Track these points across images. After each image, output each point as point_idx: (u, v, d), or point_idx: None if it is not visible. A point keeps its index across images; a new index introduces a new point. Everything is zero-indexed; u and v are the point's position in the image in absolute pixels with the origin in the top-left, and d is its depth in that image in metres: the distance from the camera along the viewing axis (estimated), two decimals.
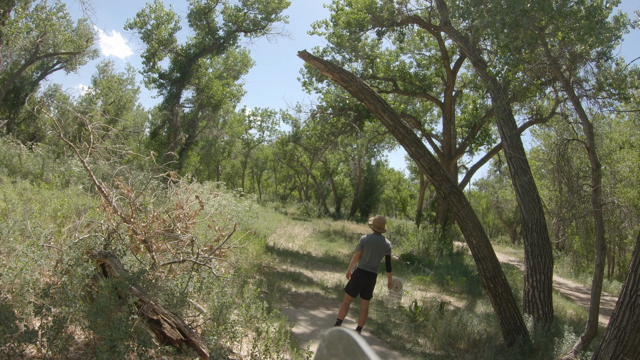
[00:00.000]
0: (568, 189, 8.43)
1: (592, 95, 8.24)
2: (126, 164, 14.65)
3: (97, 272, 3.69)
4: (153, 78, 18.93)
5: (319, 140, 18.78)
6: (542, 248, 6.30)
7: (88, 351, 3.11)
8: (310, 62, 5.61)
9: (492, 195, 33.89)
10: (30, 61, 20.43)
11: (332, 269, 10.28)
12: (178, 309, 3.95)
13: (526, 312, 6.18)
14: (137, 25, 18.58)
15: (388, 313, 6.83)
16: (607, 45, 7.78)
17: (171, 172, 5.52)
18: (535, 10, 6.33)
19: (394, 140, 27.08)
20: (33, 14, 18.21)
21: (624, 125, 16.22)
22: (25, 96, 21.22)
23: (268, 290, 6.84)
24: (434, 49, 17.02)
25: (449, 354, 5.31)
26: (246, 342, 4.31)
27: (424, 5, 13.99)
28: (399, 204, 39.40)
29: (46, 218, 6.09)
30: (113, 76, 27.82)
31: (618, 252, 17.41)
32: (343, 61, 15.32)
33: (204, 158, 31.56)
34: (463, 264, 12.91)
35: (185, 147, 19.27)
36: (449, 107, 16.32)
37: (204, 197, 9.13)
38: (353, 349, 0.66)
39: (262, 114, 33.35)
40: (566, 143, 7.34)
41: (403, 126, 5.52)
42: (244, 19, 19.49)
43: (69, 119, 20.08)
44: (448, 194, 5.43)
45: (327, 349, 0.70)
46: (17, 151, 12.04)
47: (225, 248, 5.14)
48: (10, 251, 4.37)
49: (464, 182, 18.64)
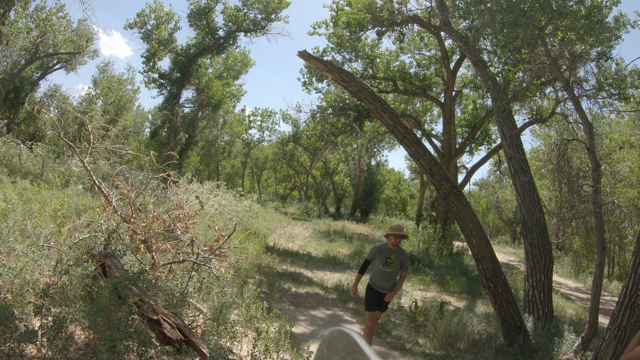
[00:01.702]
0: (568, 189, 8.43)
1: (592, 95, 8.24)
2: (126, 164, 14.64)
3: (97, 272, 3.69)
4: (153, 78, 18.93)
5: (319, 140, 18.78)
6: (542, 248, 6.30)
7: (88, 351, 3.11)
8: (310, 62, 5.61)
9: (492, 195, 33.89)
10: (30, 61, 20.43)
11: (332, 269, 10.28)
12: (178, 309, 3.95)
13: (526, 312, 6.18)
14: (137, 25, 18.58)
15: (388, 313, 6.83)
16: (607, 45, 7.77)
17: (171, 172, 5.51)
18: (535, 10, 6.33)
19: (394, 140, 27.07)
20: (33, 14, 18.21)
21: (624, 125, 16.21)
22: (25, 96, 21.22)
23: (268, 290, 6.84)
24: (434, 49, 17.01)
25: (449, 354, 5.31)
26: (246, 342, 4.31)
27: (424, 5, 13.99)
28: (399, 204, 39.40)
29: (46, 218, 6.09)
30: (113, 76, 27.81)
31: (618, 252, 17.40)
32: (343, 61, 15.32)
33: (204, 158, 31.55)
34: (463, 264, 12.90)
35: (185, 147, 19.27)
36: (449, 107, 16.32)
37: (204, 197, 9.13)
38: (353, 349, 0.66)
39: (262, 114, 33.36)
40: (566, 143, 7.34)
41: (403, 126, 5.52)
42: (244, 19, 19.49)
43: (69, 119, 20.07)
44: (448, 194, 5.43)
45: (327, 349, 0.69)
46: (17, 151, 12.03)
47: (225, 248, 5.14)
48: (10, 251, 4.37)
49: (464, 182, 18.64)
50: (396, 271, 4.65)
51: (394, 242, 4.57)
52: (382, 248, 4.66)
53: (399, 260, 4.62)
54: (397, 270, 4.65)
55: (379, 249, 4.67)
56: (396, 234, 4.54)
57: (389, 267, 4.60)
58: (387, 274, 4.61)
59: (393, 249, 4.62)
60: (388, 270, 4.60)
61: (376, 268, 4.69)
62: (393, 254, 4.61)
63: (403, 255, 4.66)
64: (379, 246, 4.70)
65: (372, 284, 4.73)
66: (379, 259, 4.63)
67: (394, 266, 4.60)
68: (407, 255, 4.69)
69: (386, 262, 4.59)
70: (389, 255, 4.60)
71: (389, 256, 4.60)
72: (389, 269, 4.60)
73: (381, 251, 4.64)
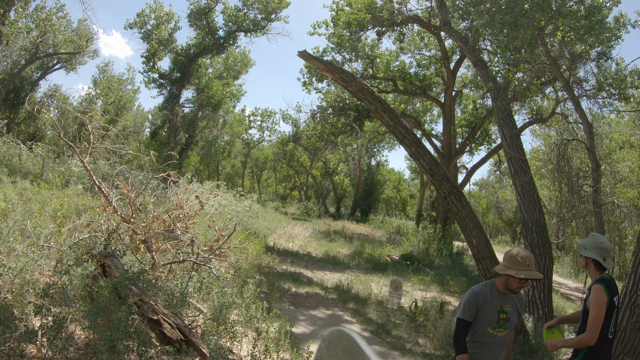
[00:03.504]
0: (568, 189, 8.44)
1: (592, 95, 8.24)
2: (126, 164, 14.64)
3: (97, 272, 3.69)
4: (153, 78, 18.94)
5: (319, 140, 18.78)
6: (542, 248, 6.30)
7: (88, 351, 3.11)
8: (310, 62, 5.62)
9: (492, 195, 33.88)
10: (30, 61, 20.43)
11: (332, 269, 10.28)
12: (178, 309, 3.95)
13: (526, 312, 6.18)
14: (137, 25, 18.59)
15: (388, 313, 6.83)
16: (607, 45, 7.77)
17: (171, 172, 5.52)
18: (534, 10, 6.34)
19: (394, 140, 27.08)
20: (33, 14, 18.21)
21: (624, 125, 16.21)
22: (25, 96, 21.22)
23: (268, 290, 6.84)
24: (434, 49, 17.02)
25: (449, 354, 5.31)
26: (246, 342, 4.31)
27: (424, 5, 14.00)
28: (399, 204, 39.40)
29: (46, 218, 6.09)
30: (113, 76, 27.81)
31: (618, 252, 17.39)
32: (343, 61, 15.32)
33: (204, 158, 31.55)
34: (463, 264, 12.90)
35: (185, 147, 19.27)
36: (449, 107, 16.32)
37: (204, 197, 9.13)
38: (353, 349, 0.66)
39: (262, 114, 33.37)
40: (566, 143, 7.34)
41: (403, 126, 5.52)
42: (244, 19, 19.49)
43: (69, 119, 20.06)
44: (448, 194, 5.44)
45: (327, 349, 0.70)
46: (17, 151, 12.04)
47: (225, 248, 5.14)
48: (10, 251, 4.37)
49: (464, 182, 18.65)
50: (510, 333, 2.66)
51: (516, 286, 2.54)
52: (490, 294, 2.59)
53: (516, 312, 2.63)
54: (511, 330, 2.65)
55: (483, 295, 2.58)
56: (522, 278, 2.46)
57: (504, 327, 2.58)
58: (499, 339, 2.60)
59: (506, 294, 2.61)
60: (501, 334, 2.59)
61: (481, 331, 2.58)
62: (508, 302, 2.60)
63: (521, 302, 2.69)
64: (480, 291, 2.60)
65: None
66: (487, 316, 2.55)
67: (509, 325, 2.60)
68: (524, 299, 2.73)
69: (499, 321, 2.56)
70: (502, 307, 2.57)
71: (502, 308, 2.57)
72: (503, 332, 2.60)
73: (489, 301, 2.57)
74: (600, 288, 2.69)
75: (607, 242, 2.79)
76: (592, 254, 2.78)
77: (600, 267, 2.79)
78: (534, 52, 7.31)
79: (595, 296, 2.67)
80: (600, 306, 2.64)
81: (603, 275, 2.79)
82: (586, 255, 2.83)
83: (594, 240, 2.80)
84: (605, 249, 2.78)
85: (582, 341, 2.68)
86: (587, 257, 2.81)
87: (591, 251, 2.80)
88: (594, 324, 2.63)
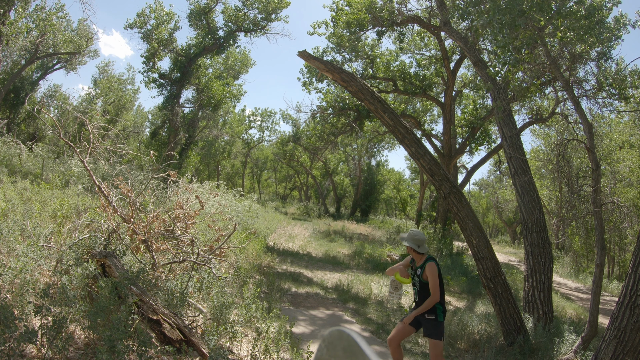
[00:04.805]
0: (568, 189, 8.43)
1: (592, 95, 8.23)
2: (126, 164, 14.64)
3: (97, 272, 3.69)
4: (153, 78, 18.93)
5: (319, 140, 18.78)
6: (542, 248, 6.30)
7: (88, 351, 3.11)
8: (310, 62, 5.61)
9: (492, 195, 33.88)
10: (30, 61, 20.42)
11: (332, 269, 10.28)
12: (178, 309, 3.95)
13: (526, 312, 6.18)
14: (137, 25, 18.59)
15: (388, 313, 6.83)
16: (607, 46, 7.76)
17: (171, 172, 5.52)
18: (534, 10, 6.33)
19: (394, 140, 27.07)
20: (33, 14, 18.20)
21: (624, 125, 16.20)
22: (25, 96, 21.22)
23: (268, 290, 6.84)
24: (434, 49, 17.01)
25: (449, 354, 5.31)
26: (246, 342, 4.31)
27: (424, 5, 13.98)
28: (399, 204, 39.40)
29: (46, 218, 6.09)
30: (113, 76, 27.80)
31: (618, 252, 17.40)
32: (343, 61, 15.32)
33: (204, 158, 31.56)
34: (463, 264, 12.90)
35: (185, 147, 19.27)
36: (449, 107, 16.32)
37: (204, 197, 9.13)
38: (353, 349, 0.66)
39: (262, 114, 33.36)
40: (566, 143, 7.34)
41: (403, 126, 5.52)
42: (244, 19, 19.49)
43: (69, 119, 20.07)
44: (448, 194, 5.43)
45: (327, 349, 0.70)
46: (17, 151, 12.03)
47: (225, 248, 5.14)
48: (10, 251, 4.37)
49: (464, 182, 18.63)
50: None
51: None
52: None
53: None
54: None
55: None
56: None
57: None
58: None
59: None
60: None
61: None
62: None
63: None
64: None
65: None
66: None
67: None
68: None
69: None
70: None
71: None
72: None
73: None
74: (433, 264, 3.92)
75: (420, 234, 4.03)
76: (409, 244, 3.98)
77: (417, 252, 4.01)
78: (534, 52, 7.30)
79: (431, 270, 3.88)
80: (435, 275, 3.87)
81: (429, 255, 4.02)
82: (406, 245, 4.03)
83: (410, 234, 4.04)
84: (418, 240, 4.00)
85: (432, 301, 3.84)
86: (407, 245, 4.02)
87: (409, 242, 4.00)
88: (435, 288, 3.85)
